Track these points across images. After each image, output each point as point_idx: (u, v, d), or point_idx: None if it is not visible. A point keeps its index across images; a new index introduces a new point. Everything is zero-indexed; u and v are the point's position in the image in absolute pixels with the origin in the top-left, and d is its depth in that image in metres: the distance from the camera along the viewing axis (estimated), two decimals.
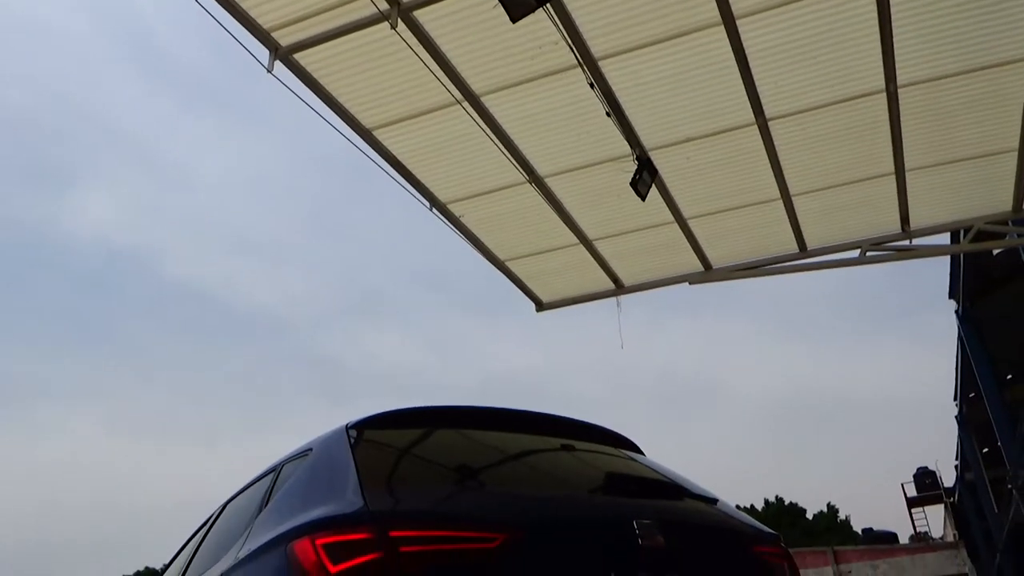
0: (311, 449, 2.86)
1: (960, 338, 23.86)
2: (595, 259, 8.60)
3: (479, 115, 6.33)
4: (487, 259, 8.40)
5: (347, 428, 2.74)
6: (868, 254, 8.58)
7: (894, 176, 7.57)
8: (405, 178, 7.09)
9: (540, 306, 9.33)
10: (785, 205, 7.91)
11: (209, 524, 3.85)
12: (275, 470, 3.13)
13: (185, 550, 4.05)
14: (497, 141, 6.61)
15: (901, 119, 6.79)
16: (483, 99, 6.28)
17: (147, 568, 66.50)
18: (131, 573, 68.89)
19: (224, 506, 3.78)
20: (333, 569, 2.08)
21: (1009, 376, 26.17)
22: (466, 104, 6.18)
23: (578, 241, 8.25)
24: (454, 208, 7.62)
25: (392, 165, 6.91)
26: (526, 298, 9.24)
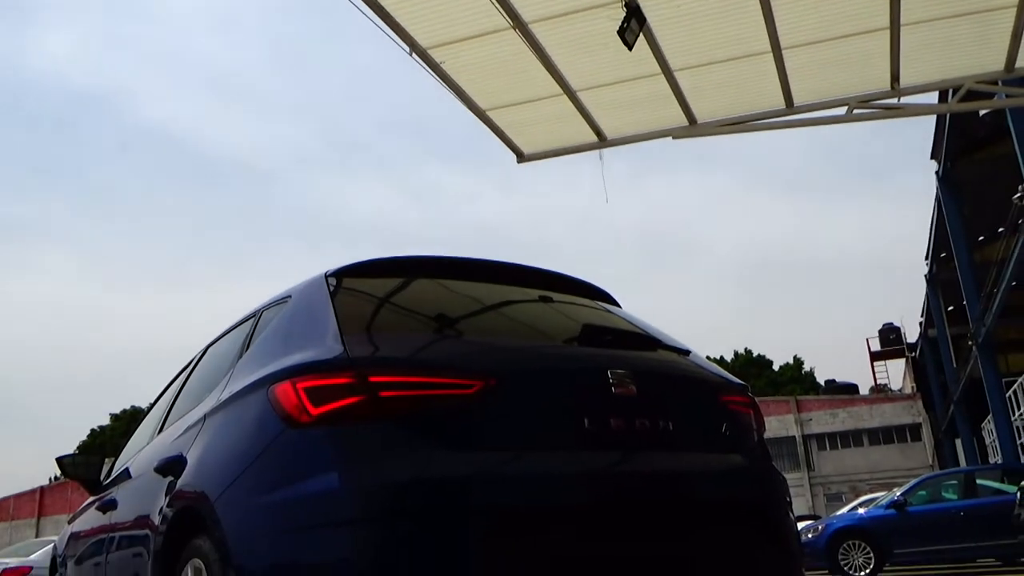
0: (290, 296, 2.87)
1: (937, 198, 24.04)
2: (578, 111, 8.42)
3: None
4: (468, 108, 8.20)
5: (326, 276, 2.74)
6: (855, 112, 8.47)
7: (888, 31, 7.37)
8: (385, 21, 6.80)
9: (521, 157, 9.22)
10: (775, 58, 7.71)
11: (191, 367, 3.92)
12: (255, 316, 3.16)
13: (168, 391, 4.14)
14: None
15: None
16: None
17: (133, 407, 68.39)
18: (118, 411, 70.91)
19: (205, 350, 3.83)
20: (314, 411, 2.13)
21: (981, 237, 26.59)
22: None
23: (562, 92, 8.05)
24: (435, 54, 7.36)
25: (371, 7, 6.60)
26: (507, 149, 9.10)
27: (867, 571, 12.45)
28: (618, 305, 3.34)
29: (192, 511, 2.48)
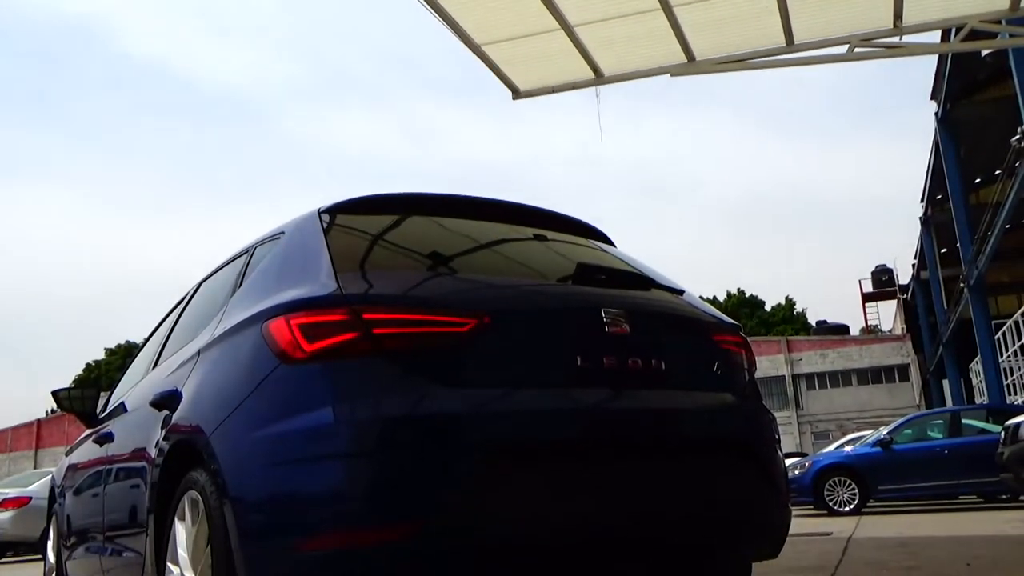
0: (283, 232, 2.86)
1: (936, 140, 23.87)
2: (575, 47, 8.26)
3: None
4: (463, 42, 8.04)
5: (319, 212, 2.72)
6: (857, 50, 8.32)
7: None
8: None
9: (517, 94, 9.08)
10: None
11: (185, 303, 3.92)
12: (248, 252, 3.14)
13: (162, 327, 4.14)
14: None
15: None
16: None
17: (128, 342, 68.65)
18: (113, 345, 71.18)
19: (198, 286, 3.83)
20: (308, 348, 2.14)
21: (977, 180, 26.52)
22: None
23: (559, 27, 7.89)
24: None
25: None
26: (503, 85, 8.97)
27: (851, 507, 12.73)
28: (612, 244, 3.34)
29: (188, 444, 2.51)
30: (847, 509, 12.73)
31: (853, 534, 8.13)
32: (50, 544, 4.89)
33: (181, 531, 2.49)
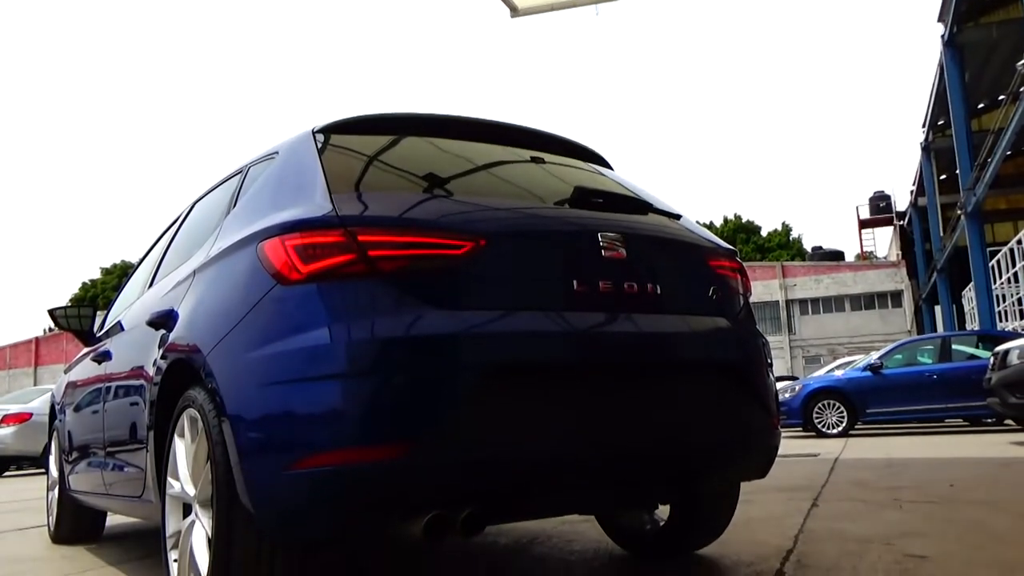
0: (277, 152, 2.82)
1: (940, 64, 23.46)
2: None
3: None
4: None
5: (313, 132, 2.68)
6: None
7: None
8: None
9: (515, 12, 8.86)
10: None
11: (179, 223, 3.89)
12: (242, 172, 3.11)
13: (157, 246, 4.13)
14: None
15: None
16: None
17: (123, 261, 68.61)
18: (108, 265, 71.17)
19: (192, 206, 3.80)
20: (304, 269, 2.13)
21: (980, 105, 26.19)
22: None
23: None
24: None
25: None
26: (500, 2, 8.73)
27: (839, 429, 12.98)
28: (610, 167, 3.30)
29: (185, 363, 2.53)
30: (835, 432, 12.98)
31: (840, 455, 8.31)
32: (52, 459, 4.97)
33: (181, 447, 2.53)
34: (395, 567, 3.36)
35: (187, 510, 2.50)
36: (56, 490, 4.78)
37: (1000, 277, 21.32)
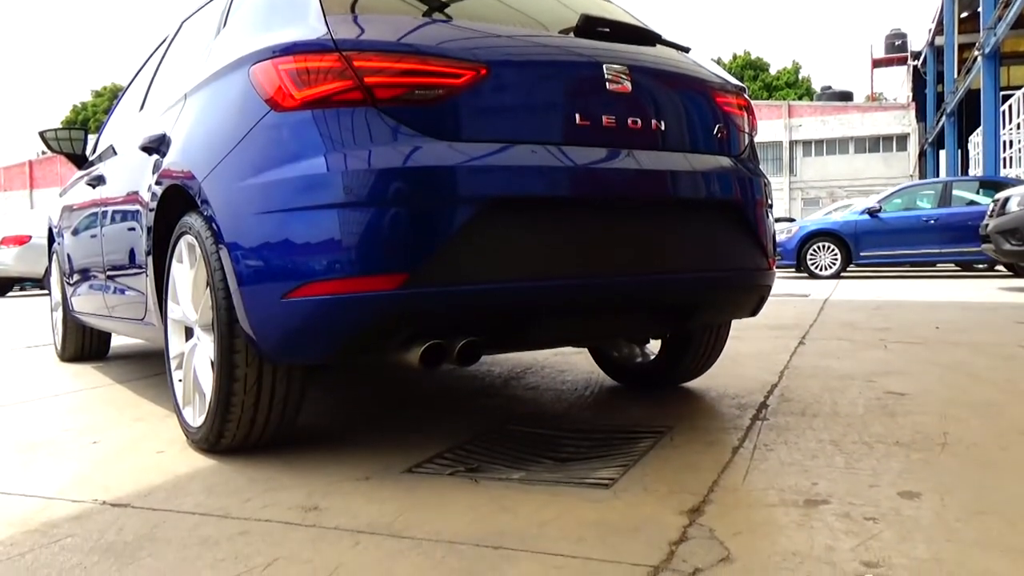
0: None
1: None
2: None
3: None
4: None
5: None
6: None
7: None
8: None
9: None
10: None
11: (168, 43, 3.75)
12: None
13: (147, 68, 4.00)
14: None
15: None
16: None
17: (113, 84, 66.97)
18: (98, 88, 69.51)
19: (181, 25, 3.64)
20: (298, 95, 2.07)
21: None
22: None
23: None
24: None
25: None
26: None
27: (831, 271, 13.16)
28: None
29: (180, 189, 2.50)
30: (827, 273, 13.16)
31: (830, 296, 8.46)
32: (54, 281, 5.04)
33: (180, 273, 2.55)
34: (389, 390, 3.48)
35: (189, 333, 2.55)
36: (60, 311, 4.87)
37: (1010, 122, 20.91)
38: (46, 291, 12.90)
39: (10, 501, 2.03)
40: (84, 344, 4.78)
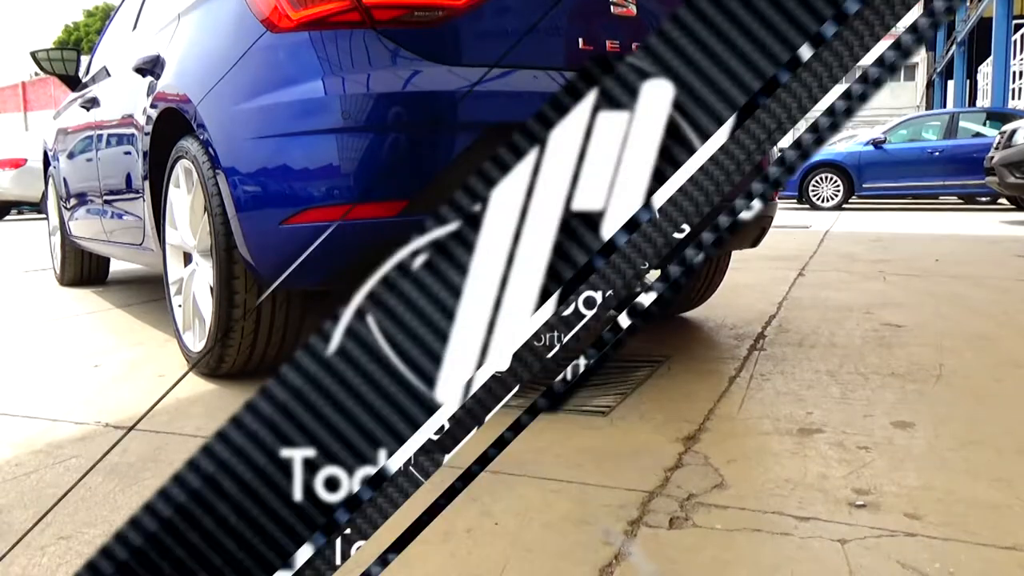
0: None
1: None
2: None
3: None
4: None
5: None
6: None
7: None
8: None
9: None
10: None
11: None
12: None
13: None
14: None
15: None
16: None
17: (105, 3, 65.40)
18: (90, 7, 67.93)
19: None
20: (294, 16, 2.02)
21: None
22: None
23: None
24: None
25: None
26: None
27: (834, 203, 13.09)
28: None
29: (176, 112, 2.46)
30: (829, 205, 13.09)
31: (831, 228, 8.44)
32: (51, 205, 5.01)
33: (177, 198, 2.53)
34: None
35: (188, 258, 2.55)
36: (58, 235, 4.86)
37: (1021, 52, 20.54)
38: (43, 215, 12.88)
39: (15, 423, 2.05)
40: (83, 268, 4.77)
